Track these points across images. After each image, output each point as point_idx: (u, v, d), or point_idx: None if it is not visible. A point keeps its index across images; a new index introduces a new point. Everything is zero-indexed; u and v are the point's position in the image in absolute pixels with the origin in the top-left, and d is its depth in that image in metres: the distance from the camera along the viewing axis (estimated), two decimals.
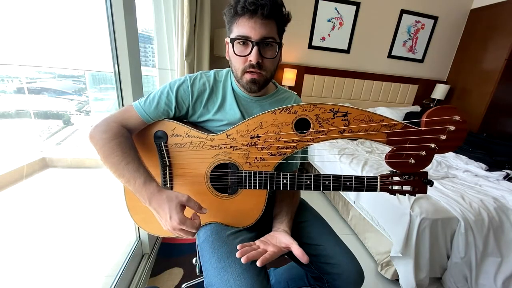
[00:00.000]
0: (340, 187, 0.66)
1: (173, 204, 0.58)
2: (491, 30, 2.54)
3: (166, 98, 0.70)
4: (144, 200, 0.61)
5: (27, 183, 0.94)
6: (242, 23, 0.62)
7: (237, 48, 0.65)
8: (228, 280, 0.60)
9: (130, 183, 0.62)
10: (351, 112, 0.62)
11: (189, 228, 0.58)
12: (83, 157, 1.29)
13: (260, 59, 0.64)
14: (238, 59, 0.66)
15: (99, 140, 0.64)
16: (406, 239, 1.21)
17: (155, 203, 0.60)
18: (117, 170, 0.63)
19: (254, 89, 0.69)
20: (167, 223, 0.59)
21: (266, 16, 0.60)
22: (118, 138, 0.65)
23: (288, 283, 0.95)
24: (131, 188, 0.62)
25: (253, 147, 0.67)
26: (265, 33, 0.61)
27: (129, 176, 0.62)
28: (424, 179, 0.65)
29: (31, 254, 0.89)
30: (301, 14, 2.54)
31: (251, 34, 0.61)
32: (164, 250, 1.40)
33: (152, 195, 0.60)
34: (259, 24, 0.61)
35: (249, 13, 0.60)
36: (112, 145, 0.63)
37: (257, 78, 0.67)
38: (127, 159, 0.63)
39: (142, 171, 0.63)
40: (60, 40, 0.95)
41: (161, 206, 0.59)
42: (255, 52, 0.62)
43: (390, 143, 0.61)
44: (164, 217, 0.59)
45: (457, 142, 0.58)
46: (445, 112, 0.57)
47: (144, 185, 0.61)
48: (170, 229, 0.59)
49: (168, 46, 1.71)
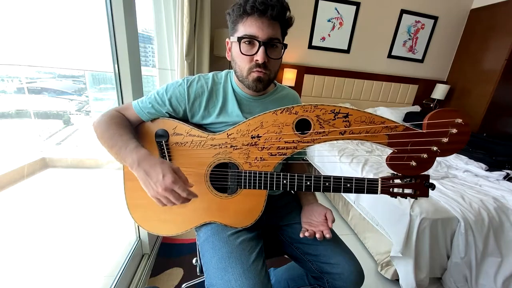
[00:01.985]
0: (340, 188, 0.66)
1: (166, 165, 0.57)
2: (491, 30, 2.54)
3: (161, 100, 0.71)
4: (133, 162, 0.58)
5: (27, 183, 0.94)
6: (250, 23, 0.62)
7: (244, 47, 0.65)
8: (229, 280, 0.60)
9: (122, 149, 0.60)
10: (352, 113, 0.61)
11: (180, 190, 0.56)
12: (83, 157, 1.29)
13: (266, 59, 0.64)
14: (244, 58, 0.66)
15: (98, 122, 0.67)
16: (406, 239, 1.21)
17: (146, 164, 0.57)
18: (111, 141, 0.63)
19: (260, 88, 0.69)
20: (157, 183, 0.55)
21: (273, 17, 0.61)
22: (116, 119, 0.68)
23: (288, 283, 0.95)
24: (122, 154, 0.60)
25: (253, 147, 0.67)
26: (272, 33, 0.63)
27: (121, 144, 0.61)
28: (425, 182, 0.64)
29: (31, 254, 0.89)
30: (301, 14, 2.54)
31: (259, 34, 0.62)
32: (164, 250, 1.40)
33: (143, 157, 0.58)
34: (267, 25, 0.62)
35: (258, 12, 0.60)
36: (109, 123, 0.66)
37: (262, 77, 0.67)
38: (120, 132, 0.64)
39: (135, 140, 0.63)
40: (60, 40, 0.95)
41: (153, 167, 0.56)
42: (261, 52, 0.63)
43: (391, 145, 0.61)
44: (155, 177, 0.55)
45: (459, 145, 0.58)
46: (447, 115, 0.57)
47: (136, 148, 0.60)
48: (160, 189, 0.55)
49: (168, 46, 1.71)
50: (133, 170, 0.58)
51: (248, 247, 0.68)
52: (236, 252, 0.66)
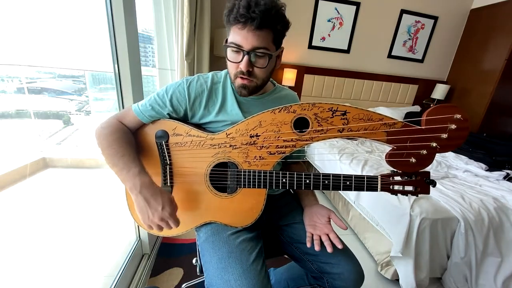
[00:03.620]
0: (340, 186, 0.66)
1: (166, 197, 0.63)
2: (491, 30, 2.54)
3: (161, 101, 0.71)
4: (135, 187, 0.61)
5: (28, 183, 0.94)
6: (235, 32, 0.63)
7: (230, 54, 0.66)
8: (229, 280, 0.60)
9: (123, 171, 0.63)
10: (350, 111, 0.61)
11: (172, 222, 0.62)
12: (83, 157, 1.29)
13: (250, 68, 0.65)
14: (231, 64, 0.68)
15: (100, 135, 0.68)
16: (406, 239, 1.21)
17: (147, 192, 0.61)
18: (112, 160, 0.64)
19: (244, 94, 0.70)
20: (155, 213, 0.60)
21: (258, 27, 0.60)
22: (117, 133, 0.68)
23: (288, 283, 0.96)
24: (123, 176, 0.63)
25: (252, 146, 0.67)
26: (256, 43, 0.62)
27: (122, 165, 0.63)
28: (426, 179, 0.64)
29: (31, 254, 0.89)
30: (301, 14, 2.54)
31: (243, 44, 0.62)
32: (164, 250, 1.40)
33: (145, 184, 0.61)
34: (251, 35, 0.61)
35: (241, 24, 0.60)
36: (110, 139, 0.66)
37: (247, 84, 0.68)
38: (123, 152, 0.65)
39: (138, 163, 0.65)
40: (60, 40, 0.96)
41: (154, 196, 0.61)
42: (245, 61, 0.63)
43: (390, 142, 0.61)
44: (154, 207, 0.60)
45: (458, 140, 0.57)
46: (446, 111, 0.56)
47: (139, 174, 0.63)
48: (157, 219, 0.60)
49: (168, 46, 1.70)
50: (132, 195, 0.61)
51: (248, 247, 0.68)
52: (236, 252, 0.66)
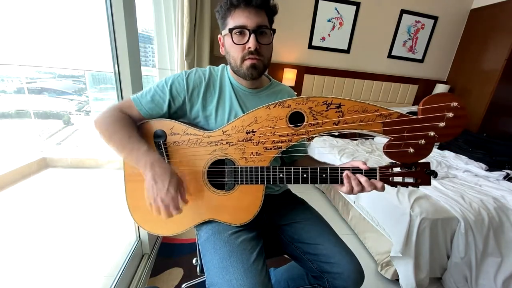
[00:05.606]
0: (337, 179, 0.66)
1: (175, 180, 0.61)
2: (491, 30, 2.54)
3: (161, 91, 0.72)
4: (145, 164, 0.61)
5: (28, 183, 0.94)
6: (238, 14, 0.66)
7: (235, 38, 0.68)
8: (230, 280, 0.60)
9: (133, 151, 0.63)
10: (344, 103, 0.62)
11: (172, 208, 0.60)
12: (83, 157, 1.29)
13: (258, 46, 0.67)
14: (236, 48, 0.69)
15: (102, 123, 0.68)
16: (406, 239, 1.21)
17: (158, 168, 0.60)
18: (121, 144, 0.65)
19: (255, 75, 0.71)
20: (160, 192, 0.59)
21: (259, 5, 0.66)
22: (121, 121, 0.68)
23: (288, 282, 0.95)
24: (134, 156, 0.63)
25: (248, 142, 0.68)
26: (259, 21, 0.66)
27: (131, 146, 0.64)
28: (426, 170, 0.63)
29: (31, 253, 0.89)
30: (301, 14, 2.54)
31: (247, 23, 0.66)
32: (164, 250, 1.40)
33: (156, 161, 0.62)
34: (254, 14, 0.66)
35: (244, 3, 0.65)
36: (115, 126, 0.66)
37: (256, 63, 0.69)
38: (129, 134, 0.66)
39: (145, 142, 0.66)
40: (60, 40, 0.96)
41: (164, 176, 0.60)
42: (252, 39, 0.66)
43: (386, 133, 0.60)
44: (160, 185, 0.60)
45: (457, 129, 0.57)
46: (442, 99, 0.56)
47: (148, 151, 0.63)
48: (159, 198, 0.59)
49: (168, 46, 1.71)
50: (146, 171, 0.61)
51: (249, 247, 0.68)
52: (237, 251, 0.66)
